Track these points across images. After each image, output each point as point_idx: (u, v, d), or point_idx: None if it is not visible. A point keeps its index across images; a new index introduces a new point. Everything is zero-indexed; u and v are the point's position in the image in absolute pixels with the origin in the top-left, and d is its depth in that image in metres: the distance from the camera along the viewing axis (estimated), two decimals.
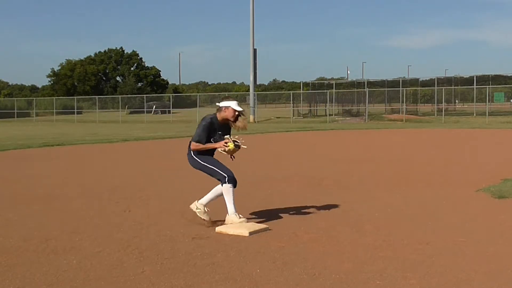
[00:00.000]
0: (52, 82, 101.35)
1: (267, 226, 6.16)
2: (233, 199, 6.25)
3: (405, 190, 8.81)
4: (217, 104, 6.44)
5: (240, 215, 6.21)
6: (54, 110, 55.56)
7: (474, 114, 43.78)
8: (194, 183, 9.89)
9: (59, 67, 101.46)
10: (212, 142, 6.34)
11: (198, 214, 6.35)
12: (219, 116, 6.38)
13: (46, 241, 5.70)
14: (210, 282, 4.38)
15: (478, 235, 5.83)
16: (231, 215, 6.22)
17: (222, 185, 6.26)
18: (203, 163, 6.36)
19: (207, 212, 6.37)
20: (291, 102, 47.74)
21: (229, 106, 6.31)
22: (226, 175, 6.23)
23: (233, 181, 6.25)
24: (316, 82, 61.48)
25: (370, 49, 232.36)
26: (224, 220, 6.27)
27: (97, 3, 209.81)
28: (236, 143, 6.28)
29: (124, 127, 36.87)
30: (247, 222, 6.21)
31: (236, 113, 6.31)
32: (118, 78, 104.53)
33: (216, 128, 6.36)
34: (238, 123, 6.34)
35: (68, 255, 5.17)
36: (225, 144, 6.25)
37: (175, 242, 5.63)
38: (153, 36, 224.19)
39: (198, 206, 6.40)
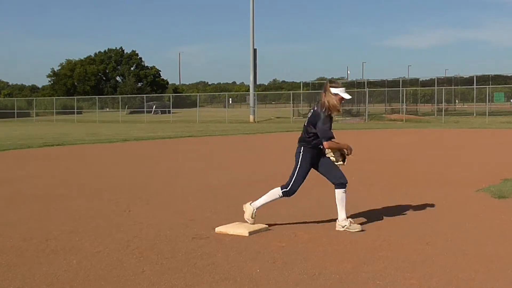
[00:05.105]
0: (52, 82, 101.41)
1: (267, 226, 6.16)
2: (267, 201, 6.16)
3: (405, 190, 8.81)
4: (332, 90, 5.91)
5: (253, 216, 6.09)
6: (54, 110, 55.59)
7: (474, 114, 43.78)
8: (195, 182, 9.89)
9: (59, 67, 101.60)
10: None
11: (351, 228, 6.01)
12: (326, 105, 5.92)
13: (46, 241, 5.70)
14: (210, 282, 4.38)
15: (478, 235, 5.82)
16: (252, 206, 6.13)
17: (281, 187, 6.10)
18: (299, 164, 6.06)
19: (354, 225, 6.03)
20: (291, 102, 47.73)
21: (338, 94, 5.92)
22: (289, 187, 6.04)
23: (288, 195, 6.10)
24: (316, 82, 61.43)
25: (370, 49, 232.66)
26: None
27: (97, 3, 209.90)
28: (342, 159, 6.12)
29: (124, 127, 36.86)
30: (252, 223, 6.09)
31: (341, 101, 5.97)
32: (118, 78, 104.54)
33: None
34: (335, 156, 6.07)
35: (68, 255, 5.17)
36: (344, 154, 6.07)
37: (175, 242, 5.63)
38: (153, 36, 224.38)
39: (348, 225, 6.00)
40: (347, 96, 5.96)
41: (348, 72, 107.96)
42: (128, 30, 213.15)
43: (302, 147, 6.11)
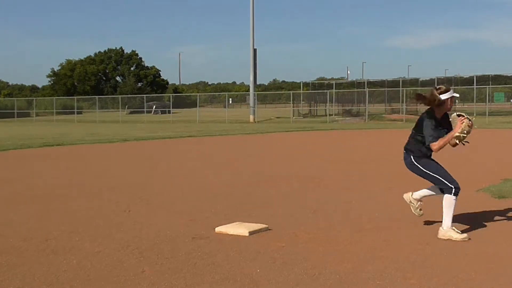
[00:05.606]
0: (52, 82, 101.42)
1: (267, 226, 6.16)
2: (452, 213, 5.67)
3: (405, 190, 8.79)
4: (442, 97, 5.63)
5: (457, 230, 5.62)
6: (54, 110, 55.57)
7: (474, 114, 43.72)
8: (195, 182, 9.88)
9: (59, 67, 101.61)
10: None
11: (411, 208, 6.24)
12: (438, 111, 5.77)
13: (46, 241, 5.70)
14: (210, 282, 4.38)
15: (478, 235, 5.82)
16: (448, 229, 5.61)
17: (444, 194, 5.72)
18: (425, 170, 5.87)
19: (418, 207, 6.14)
20: (291, 102, 47.74)
21: (451, 96, 5.71)
22: (453, 186, 5.67)
23: (458, 192, 5.70)
24: (316, 82, 61.52)
25: (370, 49, 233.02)
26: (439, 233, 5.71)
27: (97, 3, 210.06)
28: (463, 134, 5.73)
29: (124, 127, 36.86)
30: (468, 239, 5.54)
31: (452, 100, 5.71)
32: (118, 78, 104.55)
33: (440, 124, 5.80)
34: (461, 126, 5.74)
35: (68, 255, 5.17)
36: (461, 126, 5.71)
37: (175, 242, 5.63)
38: (153, 36, 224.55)
39: (412, 200, 6.19)
40: (456, 95, 5.93)
41: (348, 72, 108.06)
42: (128, 30, 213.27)
43: (411, 157, 6.00)
